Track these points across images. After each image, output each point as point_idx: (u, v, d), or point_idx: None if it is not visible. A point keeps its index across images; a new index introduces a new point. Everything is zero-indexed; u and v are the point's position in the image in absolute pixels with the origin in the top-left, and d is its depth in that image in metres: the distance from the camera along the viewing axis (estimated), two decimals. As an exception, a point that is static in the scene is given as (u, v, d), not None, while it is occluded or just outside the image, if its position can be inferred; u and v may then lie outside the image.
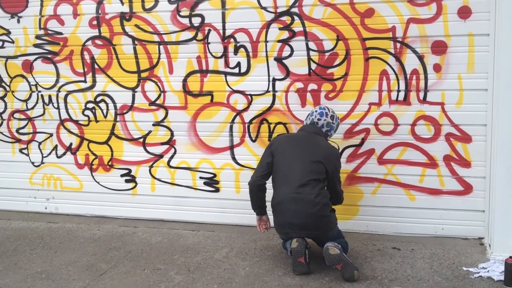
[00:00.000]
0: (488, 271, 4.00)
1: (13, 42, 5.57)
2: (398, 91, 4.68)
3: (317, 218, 4.04)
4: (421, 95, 4.63)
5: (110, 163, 5.53)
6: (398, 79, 4.66)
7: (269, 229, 4.49)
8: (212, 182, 5.28)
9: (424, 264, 4.21)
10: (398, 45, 4.61)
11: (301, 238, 4.05)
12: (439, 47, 4.52)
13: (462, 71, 4.50)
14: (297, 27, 4.82)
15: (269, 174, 4.34)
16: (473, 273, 4.00)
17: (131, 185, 5.50)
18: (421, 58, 4.58)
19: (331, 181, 4.25)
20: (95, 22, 5.31)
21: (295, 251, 4.01)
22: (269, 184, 4.36)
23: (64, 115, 5.58)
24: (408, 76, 4.64)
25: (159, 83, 5.25)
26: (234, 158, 5.18)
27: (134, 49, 5.26)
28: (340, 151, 4.81)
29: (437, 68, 4.55)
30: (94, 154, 5.56)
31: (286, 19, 4.83)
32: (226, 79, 5.08)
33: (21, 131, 5.74)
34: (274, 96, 4.98)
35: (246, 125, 5.10)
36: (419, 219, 4.75)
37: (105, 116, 5.46)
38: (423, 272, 4.06)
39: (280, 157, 4.25)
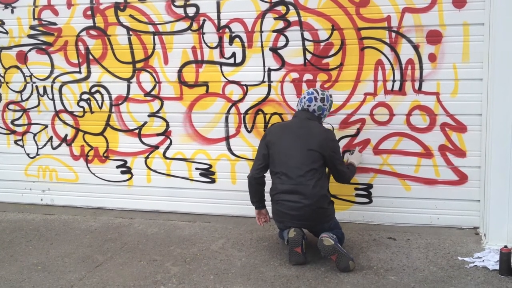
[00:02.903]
0: (483, 260, 4.02)
1: (7, 32, 5.54)
2: (394, 81, 4.67)
3: (315, 210, 4.05)
4: (416, 85, 4.62)
5: (105, 155, 5.51)
6: (393, 69, 4.65)
7: (269, 221, 4.50)
8: (208, 173, 5.27)
9: (419, 254, 4.22)
10: (393, 34, 4.60)
11: (298, 228, 4.06)
12: (434, 37, 4.50)
13: (457, 61, 4.48)
14: (292, 17, 4.79)
15: (266, 166, 4.33)
16: (468, 262, 4.02)
17: (126, 176, 5.50)
18: (416, 47, 4.57)
19: (331, 164, 4.22)
20: (89, 12, 5.27)
21: (292, 240, 4.02)
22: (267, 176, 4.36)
23: (59, 106, 5.55)
24: (403, 66, 4.62)
25: (154, 74, 5.23)
26: (229, 149, 5.18)
27: (129, 39, 5.23)
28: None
29: (432, 57, 4.54)
30: (89, 146, 5.54)
31: (281, 8, 4.81)
32: (221, 69, 5.06)
33: (16, 122, 5.72)
34: (269, 86, 4.96)
35: (242, 115, 5.09)
36: (415, 209, 4.76)
37: (100, 107, 5.44)
38: (419, 262, 4.08)
39: (276, 148, 4.24)
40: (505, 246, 3.81)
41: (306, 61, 4.84)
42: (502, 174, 4.17)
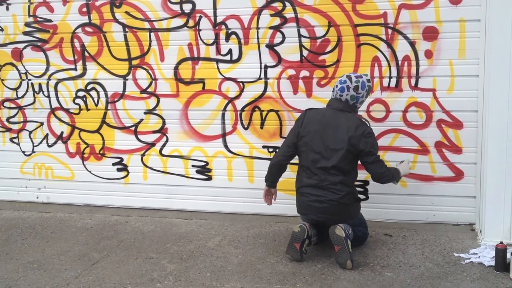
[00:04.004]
0: (479, 256, 4.02)
1: (2, 29, 5.52)
2: (390, 77, 4.67)
3: (338, 206, 4.02)
4: (413, 81, 4.62)
5: (101, 152, 5.50)
6: (389, 66, 4.65)
7: (275, 200, 4.45)
8: (204, 170, 5.27)
9: (415, 250, 4.23)
10: (390, 31, 4.59)
11: (307, 225, 4.05)
12: (431, 33, 4.50)
13: (454, 57, 4.49)
14: (288, 13, 4.79)
15: (294, 155, 4.28)
16: (464, 258, 4.03)
17: (123, 173, 5.49)
18: (412, 44, 4.57)
19: (364, 160, 4.03)
20: (85, 9, 5.25)
21: (294, 235, 4.03)
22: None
23: (55, 104, 5.54)
24: (399, 62, 4.62)
25: (150, 71, 5.21)
26: (226, 146, 5.17)
27: (125, 36, 5.21)
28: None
29: (428, 54, 4.54)
30: (85, 143, 5.53)
31: (278, 5, 4.80)
32: (217, 66, 5.05)
33: (11, 120, 5.70)
34: (266, 83, 4.96)
35: (238, 112, 5.08)
36: (411, 206, 4.77)
37: (96, 105, 5.42)
38: (415, 258, 4.08)
39: (306, 140, 4.13)
40: (501, 242, 3.82)
41: (303, 57, 4.83)
42: (498, 170, 4.17)
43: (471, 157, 4.58)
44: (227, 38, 4.97)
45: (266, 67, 4.93)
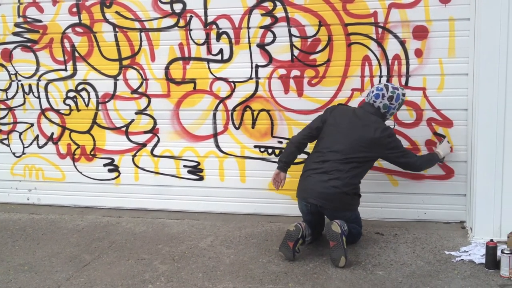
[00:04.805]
0: (469, 254, 4.04)
1: (-9, 30, 5.49)
2: (380, 76, 4.68)
3: (340, 193, 4.05)
4: (403, 80, 4.64)
5: (92, 153, 5.48)
6: (380, 65, 4.66)
7: (281, 187, 4.44)
8: (196, 170, 5.26)
9: (407, 248, 4.25)
10: (380, 30, 4.61)
11: (302, 225, 4.06)
12: (420, 32, 4.52)
13: (443, 56, 4.51)
14: (279, 13, 4.79)
15: (314, 138, 4.34)
16: (455, 256, 4.05)
17: (114, 174, 5.47)
18: (402, 43, 4.58)
19: (391, 161, 4.22)
20: (75, 9, 5.23)
21: (289, 233, 4.04)
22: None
23: (45, 105, 5.51)
24: (390, 61, 4.64)
25: (141, 71, 5.20)
26: (218, 146, 5.17)
27: (115, 36, 5.19)
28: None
29: (418, 53, 4.56)
30: (76, 144, 5.50)
31: (268, 5, 4.80)
32: (208, 66, 5.04)
33: (1, 121, 5.66)
34: (257, 83, 4.96)
35: (230, 112, 5.07)
36: (402, 204, 4.79)
37: (87, 105, 5.40)
38: (406, 256, 4.10)
39: (328, 129, 4.23)
40: (491, 240, 3.84)
41: (294, 57, 4.83)
42: (487, 168, 4.20)
43: (461, 155, 4.60)
44: (218, 38, 4.97)
45: (257, 66, 4.93)
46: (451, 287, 3.59)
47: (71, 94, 5.41)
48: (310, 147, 4.47)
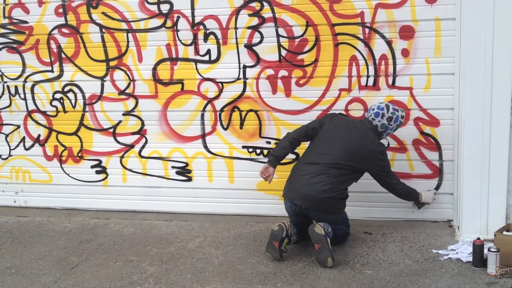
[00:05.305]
0: (457, 252, 4.07)
1: (-24, 32, 5.43)
2: (368, 76, 4.70)
3: (324, 196, 4.05)
4: (390, 80, 4.66)
5: (80, 154, 5.44)
6: (367, 65, 4.68)
7: (269, 181, 4.40)
8: (184, 171, 5.24)
9: (395, 247, 4.26)
10: (367, 30, 4.62)
11: (286, 224, 4.07)
12: (407, 32, 4.54)
13: (430, 56, 4.53)
14: (266, 13, 4.79)
15: (308, 138, 4.36)
16: (443, 255, 4.07)
17: (102, 176, 5.44)
18: (389, 43, 4.60)
19: (376, 177, 4.29)
20: (61, 10, 5.19)
21: (273, 233, 4.05)
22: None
23: (32, 106, 5.46)
24: (377, 61, 4.66)
25: (128, 72, 5.17)
26: (206, 147, 5.16)
27: (102, 37, 5.16)
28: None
29: (405, 53, 4.58)
30: (63, 146, 5.46)
31: (256, 5, 4.80)
32: (196, 67, 5.03)
33: (-13, 123, 5.61)
34: (245, 83, 4.95)
35: (218, 113, 5.07)
36: (390, 203, 4.78)
37: (74, 107, 5.36)
38: (394, 255, 4.12)
39: (324, 134, 4.26)
40: (478, 238, 3.88)
41: (281, 57, 4.84)
42: (474, 167, 4.23)
43: (448, 154, 4.63)
44: (206, 39, 4.96)
45: (245, 67, 4.92)
46: (438, 285, 3.61)
47: (57, 96, 5.37)
48: (302, 147, 4.46)
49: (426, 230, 4.58)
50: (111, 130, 5.33)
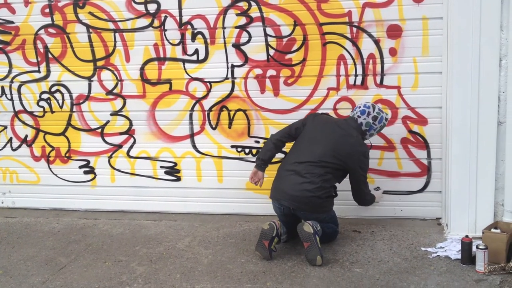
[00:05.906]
0: (445, 250, 4.10)
1: (-39, 32, 5.37)
2: (356, 75, 4.71)
3: (310, 195, 4.06)
4: (378, 79, 4.67)
5: (67, 155, 5.41)
6: (355, 64, 4.69)
7: (260, 186, 4.42)
8: (173, 171, 5.23)
9: (384, 245, 4.28)
10: (355, 29, 4.63)
11: (277, 223, 4.07)
12: (394, 31, 4.56)
13: (417, 55, 4.55)
14: (254, 12, 4.78)
15: (292, 138, 4.36)
16: (431, 253, 4.10)
17: (90, 176, 5.41)
18: (377, 42, 4.62)
19: (354, 180, 4.27)
20: (47, 10, 5.15)
21: (263, 232, 4.05)
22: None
23: (18, 107, 5.41)
24: (365, 60, 4.67)
25: (115, 72, 5.15)
26: (194, 146, 5.14)
27: (89, 37, 5.13)
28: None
29: (392, 52, 4.60)
30: (50, 146, 5.43)
31: (243, 4, 4.79)
32: (184, 66, 5.01)
33: (-27, 124, 5.56)
34: (233, 83, 4.95)
35: (206, 112, 5.06)
36: (379, 202, 4.81)
37: (61, 107, 5.33)
38: (383, 253, 4.13)
39: (307, 134, 4.26)
40: (466, 236, 3.90)
41: (269, 57, 4.84)
42: (462, 165, 4.25)
43: (436, 152, 4.66)
44: (193, 38, 4.95)
45: (233, 66, 4.92)
46: (427, 283, 3.63)
47: (44, 96, 5.33)
48: (287, 146, 4.47)
49: (415, 228, 4.60)
50: (99, 130, 5.30)
